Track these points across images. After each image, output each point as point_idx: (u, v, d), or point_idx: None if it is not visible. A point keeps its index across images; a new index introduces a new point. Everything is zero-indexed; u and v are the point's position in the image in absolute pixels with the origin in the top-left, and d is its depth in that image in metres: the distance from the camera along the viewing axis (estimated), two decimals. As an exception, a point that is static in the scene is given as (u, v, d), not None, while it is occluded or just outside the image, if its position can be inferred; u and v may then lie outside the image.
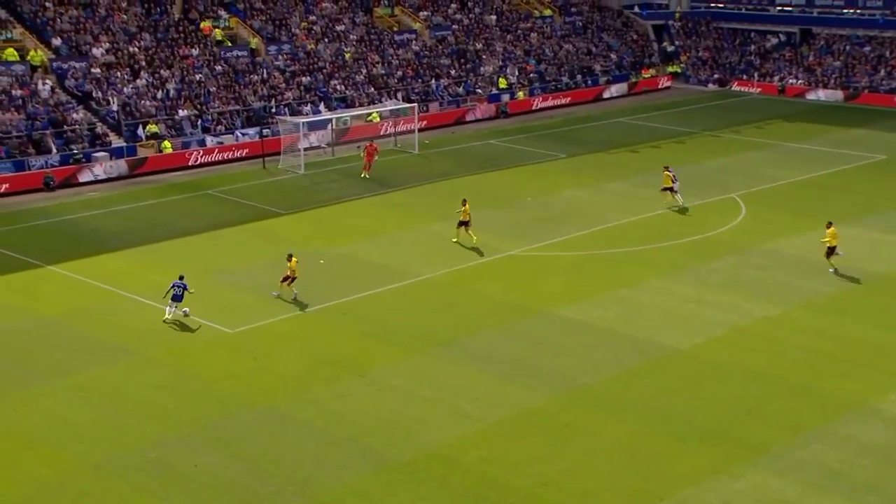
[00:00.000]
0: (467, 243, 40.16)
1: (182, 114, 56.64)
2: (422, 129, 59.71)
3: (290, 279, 34.25)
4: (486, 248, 40.03)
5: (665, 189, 45.30)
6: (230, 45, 63.89)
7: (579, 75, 75.11)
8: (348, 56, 66.69)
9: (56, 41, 57.91)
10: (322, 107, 61.08)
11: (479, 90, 69.25)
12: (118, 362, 30.01)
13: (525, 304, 34.41)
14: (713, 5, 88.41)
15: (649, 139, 60.60)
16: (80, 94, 55.42)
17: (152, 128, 54.77)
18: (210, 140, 56.02)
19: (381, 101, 63.04)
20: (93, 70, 56.88)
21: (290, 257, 34.21)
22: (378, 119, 61.04)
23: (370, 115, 60.86)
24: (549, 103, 70.94)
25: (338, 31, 69.08)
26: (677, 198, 45.13)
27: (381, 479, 23.71)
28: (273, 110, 59.14)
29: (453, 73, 69.85)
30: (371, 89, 64.80)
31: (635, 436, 25.68)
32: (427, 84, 67.47)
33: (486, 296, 35.26)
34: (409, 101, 63.16)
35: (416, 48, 70.75)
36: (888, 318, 33.04)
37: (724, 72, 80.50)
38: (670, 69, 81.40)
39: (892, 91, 71.89)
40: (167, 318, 32.63)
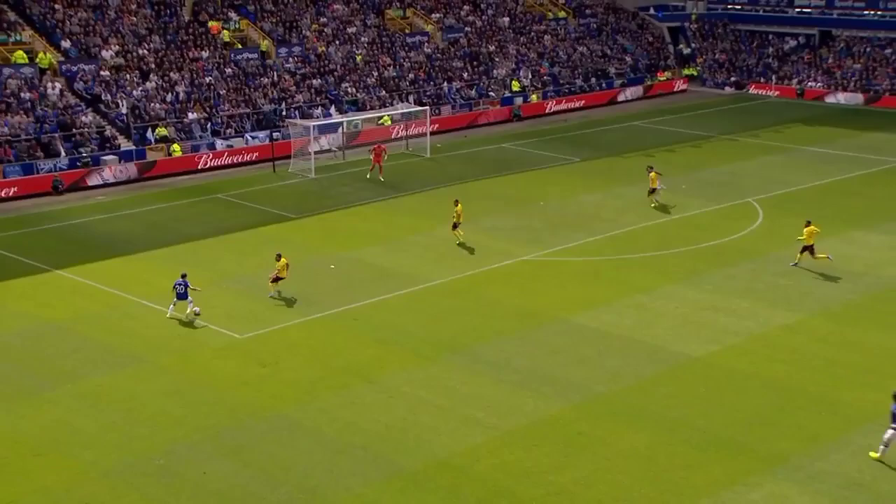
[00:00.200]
0: (464, 242, 40.28)
1: (192, 117, 56.39)
2: (434, 133, 59.37)
3: (277, 279, 34.80)
4: (498, 252, 39.70)
5: (653, 190, 45.68)
6: (240, 47, 63.65)
7: (594, 78, 74.71)
8: (359, 58, 66.35)
9: (65, 44, 57.74)
10: (333, 110, 60.75)
11: (491, 93, 68.87)
12: (127, 368, 29.74)
13: (538, 310, 33.99)
14: (730, 7, 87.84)
15: (665, 143, 60.13)
16: (89, 97, 55.18)
17: (161, 131, 54.55)
18: (220, 143, 55.76)
19: (392, 105, 62.67)
20: (102, 73, 56.65)
21: (279, 257, 34.83)
22: (389, 122, 60.72)
23: (381, 118, 60.56)
24: (563, 106, 70.58)
25: (349, 34, 68.77)
26: (655, 198, 45.61)
27: (392, 488, 23.40)
28: (283, 113, 58.87)
29: (466, 75, 69.47)
30: (382, 92, 64.47)
31: (651, 445, 25.25)
32: (439, 87, 67.10)
33: (499, 302, 34.86)
34: (421, 104, 62.86)
35: (428, 51, 70.37)
36: (909, 326, 32.53)
37: (741, 74, 79.97)
38: (686, 72, 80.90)
39: (912, 94, 71.37)
40: (169, 315, 33.03)
